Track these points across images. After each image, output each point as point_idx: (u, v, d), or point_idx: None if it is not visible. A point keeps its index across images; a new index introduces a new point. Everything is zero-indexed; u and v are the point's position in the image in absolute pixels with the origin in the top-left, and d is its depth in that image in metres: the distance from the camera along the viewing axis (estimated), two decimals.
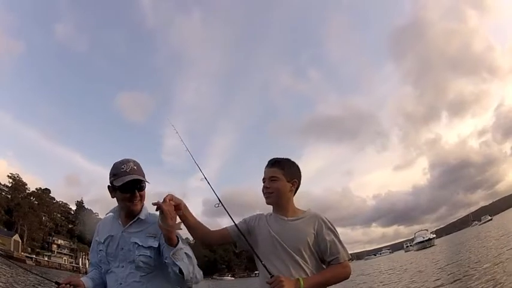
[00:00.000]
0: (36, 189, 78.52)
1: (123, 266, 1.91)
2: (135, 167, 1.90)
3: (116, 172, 1.88)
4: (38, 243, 70.18)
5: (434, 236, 63.02)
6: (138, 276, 1.89)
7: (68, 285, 1.84)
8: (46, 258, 66.14)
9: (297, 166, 2.11)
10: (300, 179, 2.09)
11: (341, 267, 1.90)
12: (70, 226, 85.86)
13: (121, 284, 1.89)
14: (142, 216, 1.96)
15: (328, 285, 1.88)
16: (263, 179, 2.06)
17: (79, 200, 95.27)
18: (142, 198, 1.96)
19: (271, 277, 1.77)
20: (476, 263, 13.61)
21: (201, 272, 1.87)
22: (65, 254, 76.32)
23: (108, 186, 1.95)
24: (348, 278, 1.92)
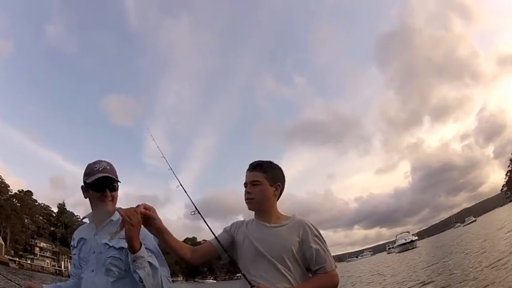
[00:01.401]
0: (18, 191, 77.73)
1: (93, 271, 1.82)
2: (108, 167, 1.90)
3: (89, 171, 1.89)
4: (20, 246, 69.58)
5: (416, 238, 62.65)
6: (107, 282, 1.77)
7: None
8: (29, 261, 65.98)
9: (280, 169, 2.00)
10: (284, 183, 1.98)
11: (328, 277, 1.77)
12: (52, 229, 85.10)
13: None
14: (114, 218, 1.88)
15: None
16: (244, 183, 1.94)
17: (61, 203, 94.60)
18: (114, 199, 1.92)
19: (251, 287, 1.69)
20: (455, 264, 13.78)
21: (170, 284, 1.82)
22: (47, 257, 76.03)
23: (82, 186, 1.93)
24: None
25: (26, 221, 74.99)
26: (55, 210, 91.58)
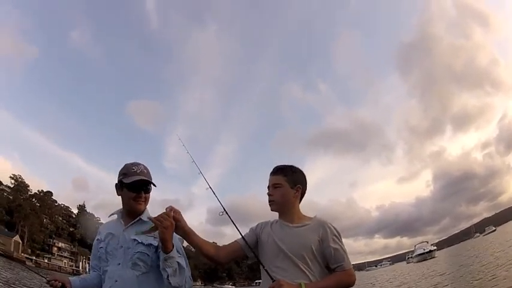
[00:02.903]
0: (38, 191, 78.46)
1: (119, 264, 1.94)
2: (145, 170, 2.04)
3: (127, 172, 2.01)
4: (38, 245, 69.71)
5: (435, 248, 62.38)
6: (133, 275, 1.91)
7: (55, 281, 1.92)
8: (46, 260, 65.87)
9: (301, 172, 2.09)
10: (305, 185, 2.07)
11: (346, 275, 1.86)
12: (71, 229, 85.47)
13: (116, 281, 1.91)
14: (144, 217, 2.02)
15: None
16: (268, 186, 2.05)
17: (81, 204, 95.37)
18: (146, 200, 2.06)
19: (273, 281, 1.78)
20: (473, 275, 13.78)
21: (191, 283, 1.95)
22: (65, 257, 75.83)
23: (116, 184, 2.05)
24: (352, 286, 1.88)
25: (44, 220, 75.43)
26: (75, 211, 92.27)
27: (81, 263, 75.49)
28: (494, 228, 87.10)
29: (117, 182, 2.05)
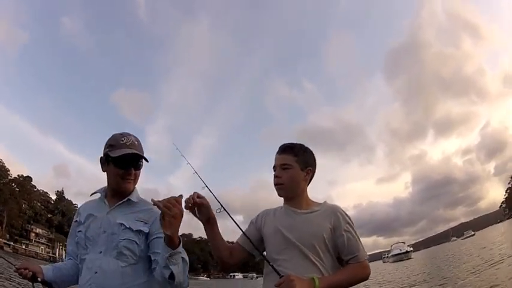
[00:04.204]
0: (18, 175, 77.92)
1: (101, 252, 1.61)
2: (136, 142, 1.70)
3: (114, 143, 1.67)
4: (16, 231, 69.65)
5: (411, 249, 62.84)
6: (118, 266, 1.58)
7: (24, 270, 1.59)
8: (24, 246, 66.20)
9: (312, 152, 1.84)
10: (315, 167, 1.83)
11: (360, 267, 1.65)
12: (49, 216, 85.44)
13: (96, 273, 1.58)
14: (133, 198, 1.71)
15: (345, 287, 1.63)
16: (273, 166, 1.79)
17: (59, 190, 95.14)
18: (136, 178, 1.73)
19: (280, 277, 1.53)
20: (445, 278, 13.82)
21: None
22: (42, 243, 75.99)
23: (101, 157, 1.72)
24: (366, 280, 1.69)
25: (23, 206, 75.15)
26: (54, 197, 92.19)
27: (58, 249, 75.42)
28: (473, 233, 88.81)
29: (102, 155, 1.72)
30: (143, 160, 1.74)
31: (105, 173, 1.74)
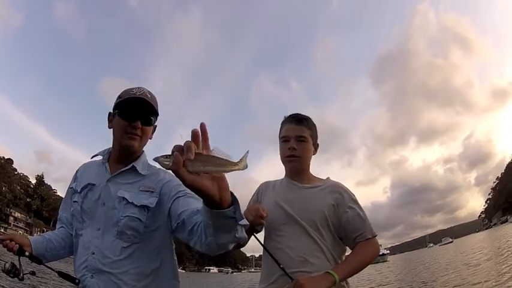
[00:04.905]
0: None
1: (99, 229, 1.35)
2: (149, 95, 1.39)
3: (123, 94, 1.41)
4: None
5: (388, 251, 63.83)
6: (118, 247, 1.31)
7: (10, 242, 1.34)
8: (2, 230, 64.96)
9: None
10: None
11: (370, 245, 1.55)
12: (28, 200, 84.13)
13: (93, 253, 1.32)
14: (138, 164, 1.43)
15: (361, 269, 1.53)
16: (285, 136, 1.66)
17: (39, 175, 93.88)
18: (144, 136, 1.43)
19: (280, 267, 1.45)
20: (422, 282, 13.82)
21: None
22: (20, 228, 74.44)
23: (109, 113, 1.47)
24: (377, 256, 1.60)
25: (3, 189, 73.67)
26: (33, 181, 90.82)
27: (35, 234, 74.17)
28: (451, 240, 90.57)
29: (111, 110, 1.46)
30: (156, 119, 1.46)
31: (111, 131, 1.47)
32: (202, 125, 0.74)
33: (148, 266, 1.35)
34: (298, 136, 1.64)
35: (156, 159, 0.73)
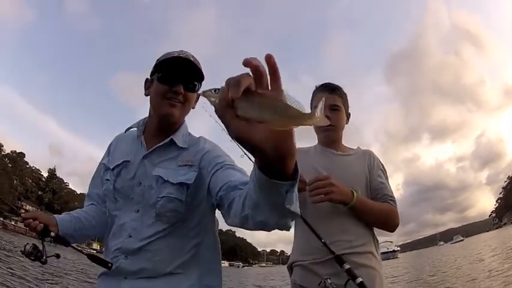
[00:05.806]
0: (11, 151, 77.21)
1: (138, 211, 1.21)
2: (192, 58, 1.22)
3: (164, 57, 1.23)
4: (6, 207, 69.23)
5: (399, 249, 63.26)
6: (158, 228, 1.18)
7: (34, 221, 1.18)
8: (13, 223, 65.75)
9: None
10: None
11: (392, 207, 1.56)
12: (40, 193, 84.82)
13: (130, 236, 1.19)
14: (178, 137, 1.25)
15: (374, 214, 1.52)
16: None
17: (51, 168, 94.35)
18: (187, 102, 1.23)
19: (321, 241, 1.42)
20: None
21: None
22: None
23: (147, 79, 1.30)
24: (395, 227, 1.57)
25: (15, 182, 74.41)
26: (45, 175, 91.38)
27: None
28: (462, 238, 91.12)
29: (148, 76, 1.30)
30: (200, 85, 1.25)
31: (148, 99, 1.28)
32: (268, 57, 0.51)
33: (188, 242, 1.22)
34: (332, 105, 1.62)
35: (203, 93, 0.56)
